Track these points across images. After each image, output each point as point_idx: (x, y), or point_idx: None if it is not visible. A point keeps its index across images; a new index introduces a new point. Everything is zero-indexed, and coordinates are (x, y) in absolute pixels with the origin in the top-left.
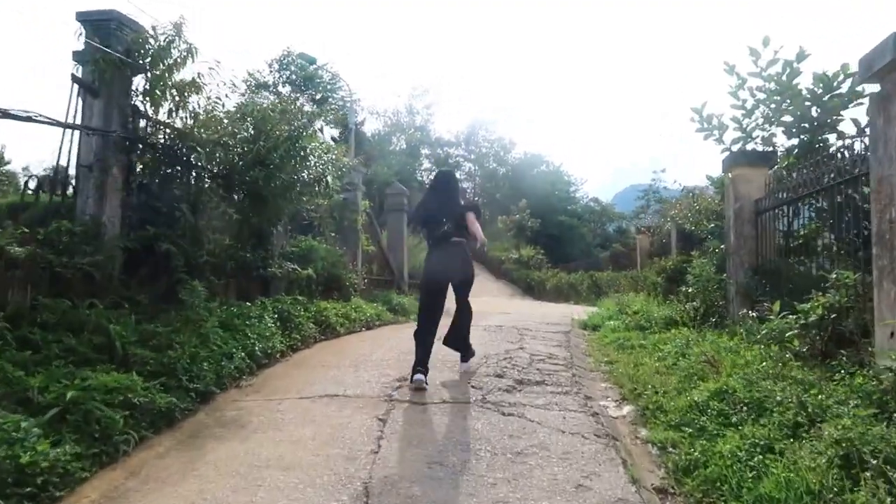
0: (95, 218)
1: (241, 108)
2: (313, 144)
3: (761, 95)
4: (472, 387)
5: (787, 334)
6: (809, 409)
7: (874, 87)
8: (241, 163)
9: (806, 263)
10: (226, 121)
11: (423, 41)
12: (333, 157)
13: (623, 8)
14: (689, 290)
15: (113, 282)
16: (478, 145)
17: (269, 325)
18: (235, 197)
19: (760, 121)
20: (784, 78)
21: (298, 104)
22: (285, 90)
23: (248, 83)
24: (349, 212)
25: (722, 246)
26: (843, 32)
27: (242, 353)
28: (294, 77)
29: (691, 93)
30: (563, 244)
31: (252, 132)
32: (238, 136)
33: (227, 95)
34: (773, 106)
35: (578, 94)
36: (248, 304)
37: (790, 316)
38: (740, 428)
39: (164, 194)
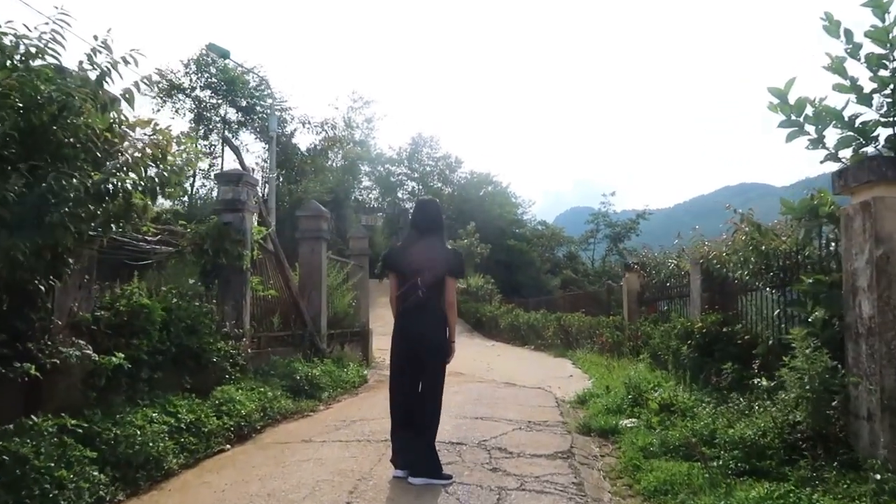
0: None
1: None
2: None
3: (885, 73)
4: None
5: None
6: None
7: None
8: None
9: None
10: None
11: (366, 53)
12: (141, 147)
13: (569, 23)
14: (781, 390)
15: None
16: (422, 163)
17: None
18: None
19: (884, 110)
20: None
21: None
22: (204, 95)
23: (160, 86)
24: (230, 243)
25: (832, 317)
26: None
27: None
28: (214, 80)
29: (637, 115)
30: (512, 271)
31: None
32: None
33: None
34: None
35: (520, 115)
36: None
37: None
38: None
39: None
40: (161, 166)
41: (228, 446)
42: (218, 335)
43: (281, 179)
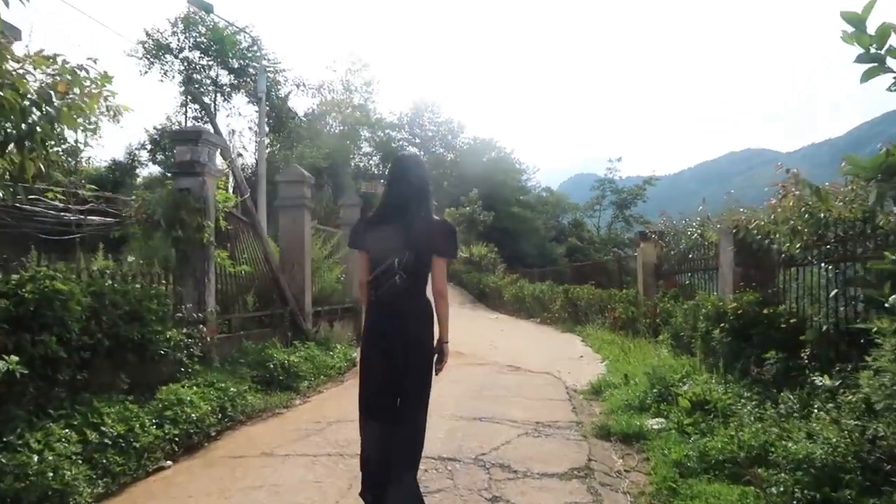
0: None
1: None
2: None
3: None
4: None
5: None
6: None
7: None
8: None
9: None
10: None
11: (366, 13)
12: None
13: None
14: (848, 390)
15: None
16: (423, 128)
17: None
18: None
19: None
20: None
21: None
22: (194, 56)
23: (146, 46)
24: (188, 213)
25: None
26: None
27: None
28: (203, 41)
29: (642, 80)
30: (516, 239)
31: None
32: None
33: None
34: None
35: (524, 77)
36: None
37: None
38: None
39: None
40: (46, 110)
41: (169, 463)
42: (170, 321)
43: (277, 145)
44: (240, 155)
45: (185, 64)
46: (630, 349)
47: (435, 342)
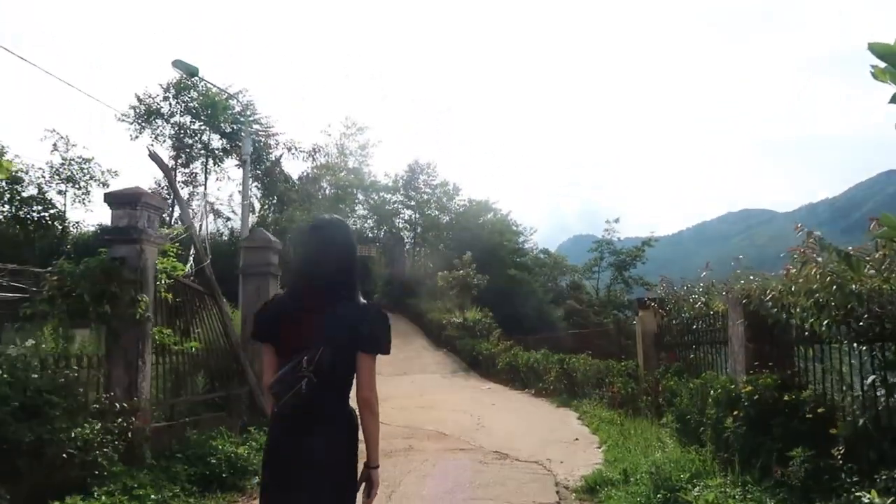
0: None
1: None
2: None
3: None
4: None
5: None
6: None
7: None
8: None
9: None
10: None
11: (363, 71)
12: None
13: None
14: None
15: None
16: (418, 191)
17: None
18: None
19: None
20: None
21: None
22: (185, 120)
23: (137, 110)
24: (119, 285)
25: None
26: None
27: None
28: (195, 106)
29: (638, 140)
30: (513, 302)
31: None
32: None
33: None
34: None
35: (521, 141)
36: None
37: None
38: None
39: None
40: None
41: None
42: (83, 415)
43: (269, 209)
44: (228, 219)
45: (177, 128)
46: (630, 433)
47: (361, 467)
